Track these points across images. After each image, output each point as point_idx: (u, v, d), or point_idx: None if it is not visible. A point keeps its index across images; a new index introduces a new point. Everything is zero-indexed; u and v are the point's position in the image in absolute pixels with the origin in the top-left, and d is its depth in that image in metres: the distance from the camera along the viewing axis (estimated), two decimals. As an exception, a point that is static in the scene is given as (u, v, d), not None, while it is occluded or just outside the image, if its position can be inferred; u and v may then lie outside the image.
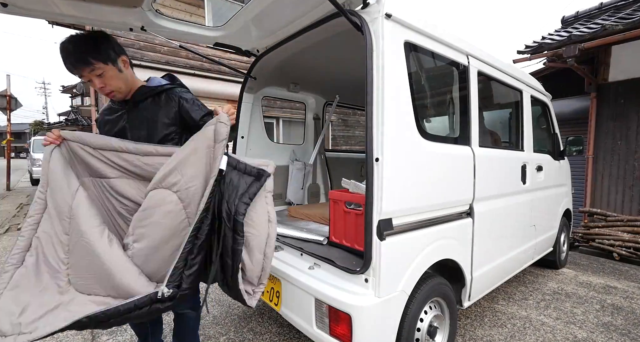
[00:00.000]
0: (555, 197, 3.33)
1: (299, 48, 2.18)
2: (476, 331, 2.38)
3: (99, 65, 1.30)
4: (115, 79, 1.37)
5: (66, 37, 1.28)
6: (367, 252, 1.45)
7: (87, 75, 1.30)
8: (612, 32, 4.24)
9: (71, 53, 1.26)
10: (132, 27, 1.97)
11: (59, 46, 1.27)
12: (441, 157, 1.79)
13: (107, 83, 1.33)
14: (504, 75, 2.44)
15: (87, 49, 1.28)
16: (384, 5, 1.48)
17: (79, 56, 1.26)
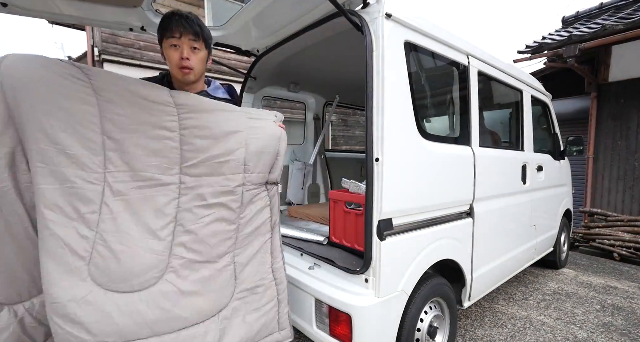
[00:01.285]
0: (556, 197, 3.33)
1: (299, 48, 2.18)
2: (476, 331, 2.38)
3: (201, 43, 1.34)
4: (201, 63, 1.38)
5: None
6: (367, 252, 1.45)
7: (184, 41, 1.29)
8: (612, 32, 4.24)
9: (191, 20, 1.31)
10: (132, 27, 1.97)
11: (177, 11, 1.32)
12: (441, 157, 1.79)
13: (192, 59, 1.33)
14: (504, 75, 2.44)
15: (204, 28, 1.35)
16: (384, 5, 1.48)
17: (195, 25, 1.31)
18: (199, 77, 1.42)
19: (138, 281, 1.14)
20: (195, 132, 1.27)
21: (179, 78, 1.37)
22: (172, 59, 1.32)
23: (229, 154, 1.31)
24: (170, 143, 1.24)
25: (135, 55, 6.14)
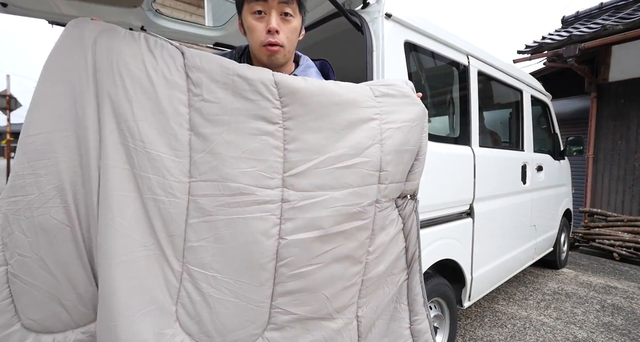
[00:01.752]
0: (556, 197, 3.33)
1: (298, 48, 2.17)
2: (476, 331, 2.38)
3: (295, 7, 0.96)
4: (293, 35, 0.99)
5: None
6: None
7: (273, 4, 0.92)
8: (613, 32, 4.24)
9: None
10: (132, 27, 1.96)
11: None
12: (441, 157, 1.79)
13: (283, 31, 0.95)
14: (504, 75, 2.44)
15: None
16: (384, 5, 1.48)
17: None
18: (289, 58, 1.04)
19: (232, 338, 0.83)
20: (306, 123, 0.89)
21: (263, 59, 0.98)
22: (255, 33, 0.95)
23: (359, 155, 0.90)
24: (271, 140, 0.87)
25: (135, 55, 6.13)
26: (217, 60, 0.87)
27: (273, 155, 0.87)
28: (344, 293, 0.90)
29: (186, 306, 0.82)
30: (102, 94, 0.81)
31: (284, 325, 0.86)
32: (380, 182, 0.93)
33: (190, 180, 0.84)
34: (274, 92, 0.87)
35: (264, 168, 0.86)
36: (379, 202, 0.93)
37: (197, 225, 0.83)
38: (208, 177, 0.84)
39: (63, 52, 0.82)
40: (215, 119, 0.85)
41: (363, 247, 0.91)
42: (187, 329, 0.82)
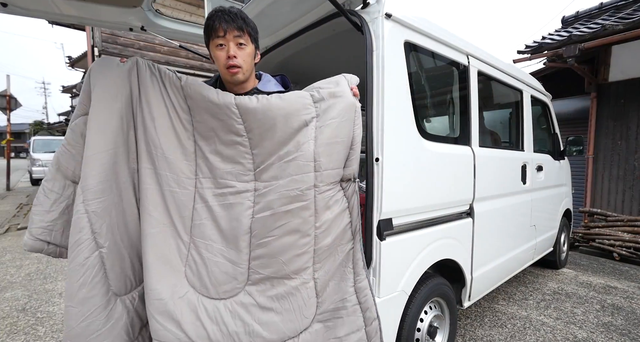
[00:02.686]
0: (556, 197, 3.33)
1: (299, 48, 2.18)
2: (476, 331, 2.38)
3: (246, 38, 1.24)
4: (249, 58, 1.27)
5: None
6: (367, 252, 1.45)
7: (229, 38, 1.20)
8: (612, 32, 4.24)
9: (235, 14, 1.21)
10: (132, 27, 1.96)
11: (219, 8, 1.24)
12: (441, 157, 1.79)
13: (239, 56, 1.22)
14: (504, 75, 2.44)
15: (248, 21, 1.26)
16: (384, 5, 1.48)
17: (238, 19, 1.21)
18: (249, 75, 1.31)
19: (223, 289, 1.16)
20: (262, 133, 1.18)
21: (227, 79, 1.28)
22: (219, 60, 1.24)
23: (297, 150, 1.15)
24: (241, 148, 1.20)
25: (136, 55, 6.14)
26: (199, 90, 1.21)
27: (244, 159, 1.21)
28: (297, 259, 1.14)
29: (191, 267, 1.18)
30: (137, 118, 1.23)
31: (257, 282, 1.17)
32: (316, 170, 1.15)
33: (196, 177, 1.23)
34: (236, 113, 1.18)
35: (241, 168, 1.20)
36: (317, 187, 1.15)
37: (200, 209, 1.21)
38: (206, 175, 1.23)
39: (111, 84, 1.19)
40: (205, 134, 1.24)
41: (308, 223, 1.14)
42: (191, 284, 1.18)
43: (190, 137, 1.24)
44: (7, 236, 5.16)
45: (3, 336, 2.32)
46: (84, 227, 1.12)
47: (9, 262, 3.89)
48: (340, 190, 1.20)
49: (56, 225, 1.22)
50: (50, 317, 2.57)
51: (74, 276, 1.09)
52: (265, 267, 1.15)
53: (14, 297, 2.92)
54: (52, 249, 1.23)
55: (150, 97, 1.21)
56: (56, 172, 1.23)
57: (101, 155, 1.16)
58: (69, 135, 1.23)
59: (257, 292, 1.15)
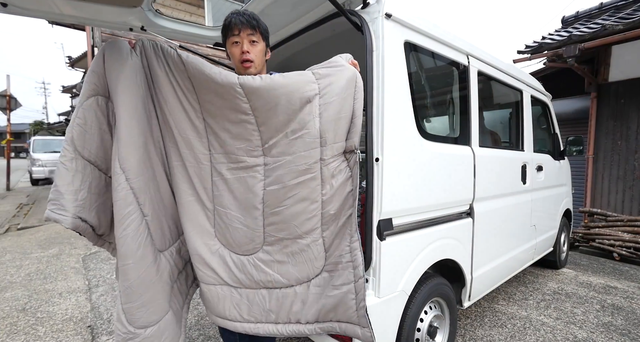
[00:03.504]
0: (556, 197, 3.33)
1: (299, 48, 2.18)
2: (476, 331, 2.38)
3: (258, 36, 1.40)
4: (260, 54, 1.42)
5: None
6: (367, 252, 1.45)
7: (243, 35, 1.37)
8: (612, 32, 4.24)
9: (249, 15, 1.39)
10: (132, 27, 1.96)
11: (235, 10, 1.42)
12: (441, 157, 1.79)
13: (252, 51, 1.38)
14: (504, 75, 2.44)
15: (260, 22, 1.43)
16: (384, 5, 1.48)
17: (252, 20, 1.38)
18: (260, 70, 1.45)
19: (244, 248, 1.37)
20: (267, 111, 1.25)
21: (241, 72, 1.41)
22: (234, 55, 1.39)
23: (303, 128, 1.24)
24: (249, 126, 1.28)
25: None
26: (202, 70, 1.26)
27: (252, 136, 1.29)
28: (308, 222, 1.30)
29: (218, 229, 1.40)
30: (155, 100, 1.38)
31: (273, 243, 1.35)
32: (322, 146, 1.25)
33: (210, 153, 1.37)
34: (240, 92, 1.23)
35: (250, 144, 1.30)
36: (323, 160, 1.26)
37: (218, 182, 1.37)
38: (219, 151, 1.35)
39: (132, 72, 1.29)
40: (212, 113, 1.32)
41: (315, 191, 1.28)
42: (221, 241, 1.41)
43: (199, 116, 1.34)
44: (7, 235, 5.16)
45: (3, 336, 2.32)
46: (132, 202, 1.27)
47: (9, 262, 3.89)
48: (344, 161, 1.29)
49: (86, 203, 1.32)
50: (50, 317, 2.57)
51: (130, 240, 1.26)
52: (280, 231, 1.32)
53: (14, 297, 2.92)
54: (84, 225, 1.33)
55: (159, 79, 1.33)
56: (74, 152, 1.31)
57: (136, 138, 1.28)
58: (82, 115, 1.30)
59: (274, 251, 1.35)
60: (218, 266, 1.39)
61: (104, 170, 1.39)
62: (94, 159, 1.35)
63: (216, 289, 1.40)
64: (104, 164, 1.38)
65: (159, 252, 1.40)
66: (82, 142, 1.31)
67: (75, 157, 1.31)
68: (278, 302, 1.37)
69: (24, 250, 4.37)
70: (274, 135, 1.28)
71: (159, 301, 1.37)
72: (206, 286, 1.41)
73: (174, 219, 1.48)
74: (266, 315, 1.37)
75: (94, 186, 1.35)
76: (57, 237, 5.03)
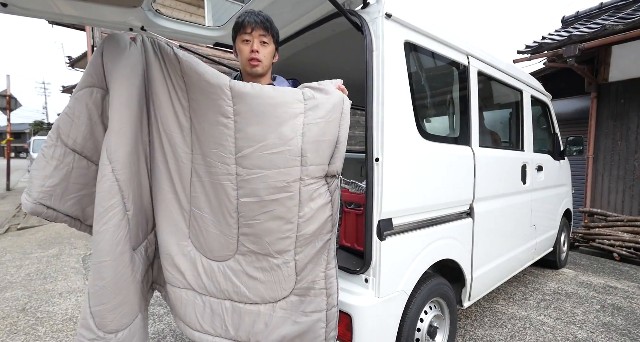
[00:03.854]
0: (556, 197, 3.33)
1: (298, 48, 2.18)
2: (476, 331, 2.38)
3: (269, 38, 1.41)
4: (269, 56, 1.44)
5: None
6: (367, 253, 1.45)
7: (255, 35, 1.38)
8: (613, 32, 4.24)
9: (263, 16, 1.40)
10: (132, 27, 1.96)
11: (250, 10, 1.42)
12: (441, 157, 1.79)
13: (262, 52, 1.39)
14: (504, 75, 2.44)
15: (273, 26, 1.44)
16: (384, 5, 1.48)
17: (265, 21, 1.39)
18: (266, 71, 1.46)
19: (217, 254, 1.34)
20: (249, 118, 1.21)
21: (248, 70, 1.42)
22: (243, 53, 1.40)
23: (284, 144, 1.19)
24: (225, 130, 1.23)
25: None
26: (195, 69, 1.24)
27: (227, 141, 1.24)
28: (281, 242, 1.25)
29: (193, 231, 1.37)
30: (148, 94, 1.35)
31: (245, 253, 1.31)
32: (302, 165, 1.21)
33: (192, 152, 1.33)
34: (228, 94, 1.22)
35: (223, 150, 1.25)
36: (302, 180, 1.21)
37: (196, 183, 1.33)
38: (199, 152, 1.31)
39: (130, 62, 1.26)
40: (197, 112, 1.29)
41: (292, 211, 1.22)
42: (194, 244, 1.37)
43: (186, 114, 1.32)
44: (7, 235, 5.16)
45: (3, 336, 2.32)
46: (117, 194, 1.23)
47: (9, 262, 3.89)
48: (325, 185, 1.26)
49: (56, 190, 1.28)
50: (50, 317, 2.57)
51: (110, 235, 1.21)
52: (252, 243, 1.28)
53: (14, 297, 2.91)
54: (50, 213, 1.30)
55: (153, 73, 1.32)
56: (57, 140, 1.29)
57: (127, 128, 1.25)
58: (72, 104, 1.29)
59: (245, 262, 1.31)
60: (187, 268, 1.36)
61: (94, 161, 1.35)
62: (79, 148, 1.32)
63: (181, 292, 1.37)
64: (95, 156, 1.35)
65: (132, 249, 1.36)
66: (67, 131, 1.28)
67: (56, 144, 1.28)
68: (240, 318, 1.31)
69: (24, 250, 4.37)
70: (250, 144, 1.21)
71: (132, 303, 1.32)
72: (171, 287, 1.39)
73: (147, 216, 1.44)
74: (225, 330, 1.33)
75: (75, 176, 1.32)
76: (57, 237, 5.03)
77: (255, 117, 1.20)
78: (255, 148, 1.20)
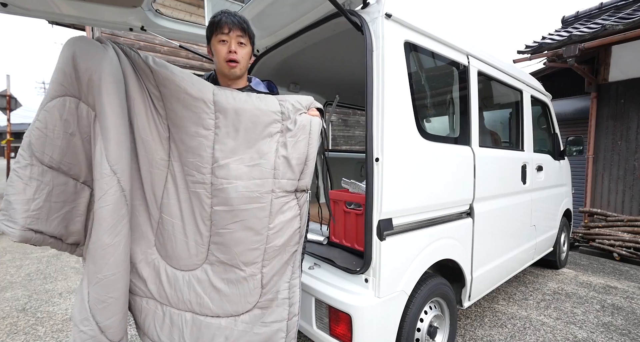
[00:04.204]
0: (556, 197, 3.33)
1: (299, 48, 2.18)
2: (476, 331, 2.38)
3: (247, 39, 1.40)
4: (246, 56, 1.42)
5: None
6: (367, 252, 1.45)
7: (232, 36, 1.36)
8: (612, 32, 4.24)
9: (240, 17, 1.39)
10: (132, 27, 1.97)
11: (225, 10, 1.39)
12: (441, 157, 1.79)
13: (239, 53, 1.38)
14: (504, 75, 2.44)
15: (249, 26, 1.42)
16: (384, 5, 1.48)
17: (242, 23, 1.38)
18: (243, 72, 1.45)
19: (183, 263, 1.33)
20: (229, 132, 1.28)
21: (225, 72, 1.40)
22: (220, 53, 1.37)
23: (261, 158, 1.28)
24: (205, 142, 1.27)
25: (135, 55, 6.13)
26: (174, 80, 1.24)
27: (205, 152, 1.28)
28: (249, 253, 1.27)
29: (160, 238, 1.34)
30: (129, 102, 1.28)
31: (213, 263, 1.31)
32: (275, 178, 1.28)
33: (169, 159, 1.33)
34: (212, 108, 1.27)
35: (200, 160, 1.28)
36: (274, 192, 1.28)
37: (170, 189, 1.32)
38: (177, 160, 1.32)
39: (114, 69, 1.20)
40: (175, 122, 1.29)
41: (262, 223, 1.27)
42: (159, 252, 1.35)
43: (164, 122, 1.31)
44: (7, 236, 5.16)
45: (3, 336, 2.32)
46: (124, 205, 1.23)
47: (9, 262, 3.89)
48: (294, 199, 1.33)
49: (41, 213, 1.21)
50: (50, 317, 2.57)
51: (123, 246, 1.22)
52: (222, 253, 1.30)
53: (14, 297, 2.91)
54: (38, 237, 1.23)
55: (129, 80, 1.26)
56: (31, 158, 1.19)
57: (124, 137, 1.22)
58: (44, 118, 1.17)
59: (212, 273, 1.31)
60: (149, 276, 1.33)
61: (73, 176, 1.27)
62: (56, 164, 1.22)
63: (141, 301, 1.35)
64: (74, 170, 1.27)
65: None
66: (41, 147, 1.18)
67: (31, 164, 1.19)
68: (199, 332, 1.30)
69: (24, 250, 4.37)
70: (227, 156, 1.27)
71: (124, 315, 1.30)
72: (132, 296, 1.36)
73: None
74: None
75: (56, 194, 1.23)
76: (57, 237, 5.03)
77: (235, 132, 1.28)
78: (232, 159, 1.27)
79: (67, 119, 1.19)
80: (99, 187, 1.17)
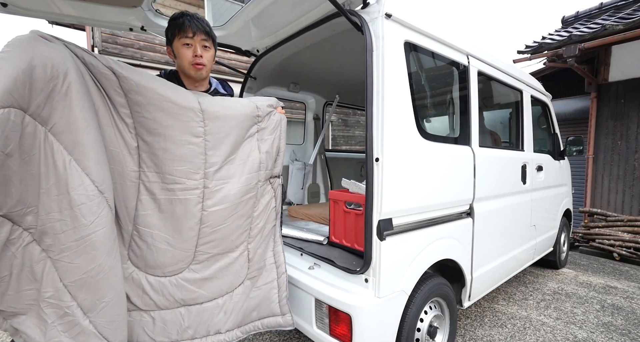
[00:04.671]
0: (556, 197, 3.33)
1: (299, 48, 2.18)
2: (476, 331, 2.38)
3: (211, 42, 1.45)
4: (211, 60, 1.48)
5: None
6: (367, 252, 1.45)
7: (197, 40, 1.39)
8: (612, 32, 4.24)
9: (203, 21, 1.42)
10: (132, 27, 1.97)
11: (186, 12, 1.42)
12: (441, 157, 1.79)
13: (205, 56, 1.42)
14: (504, 75, 2.44)
15: (212, 30, 1.47)
16: (384, 5, 1.48)
17: (206, 26, 1.42)
18: (208, 73, 1.51)
19: (169, 269, 1.34)
20: (220, 137, 1.36)
21: (191, 74, 1.44)
22: (184, 56, 1.40)
23: (248, 156, 1.45)
24: (195, 149, 1.31)
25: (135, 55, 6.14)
26: (152, 88, 1.21)
27: (197, 159, 1.32)
28: (241, 236, 1.46)
29: (135, 251, 1.31)
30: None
31: (203, 260, 1.39)
32: (260, 170, 1.48)
33: (140, 170, 1.27)
34: (201, 116, 1.32)
35: (191, 167, 1.30)
36: (259, 181, 1.49)
37: (146, 201, 1.29)
38: (153, 170, 1.28)
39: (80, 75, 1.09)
40: (153, 131, 1.25)
41: (252, 208, 1.47)
42: (136, 265, 1.32)
43: (131, 130, 1.23)
44: (7, 236, 5.16)
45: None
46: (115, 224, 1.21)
47: (9, 262, 3.89)
48: (269, 184, 1.56)
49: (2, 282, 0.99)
50: (50, 317, 2.56)
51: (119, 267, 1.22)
52: (215, 247, 1.39)
53: (14, 297, 2.91)
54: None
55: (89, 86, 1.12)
56: None
57: (102, 152, 1.14)
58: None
59: (201, 268, 1.39)
60: (130, 291, 1.30)
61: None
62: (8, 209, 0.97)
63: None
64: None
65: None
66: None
67: None
68: (198, 316, 1.38)
69: None
70: (220, 160, 1.36)
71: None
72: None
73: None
74: (183, 332, 1.36)
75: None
76: (57, 237, 5.02)
77: (224, 137, 1.38)
78: (227, 161, 1.39)
79: (8, 136, 0.92)
80: (88, 211, 1.06)
